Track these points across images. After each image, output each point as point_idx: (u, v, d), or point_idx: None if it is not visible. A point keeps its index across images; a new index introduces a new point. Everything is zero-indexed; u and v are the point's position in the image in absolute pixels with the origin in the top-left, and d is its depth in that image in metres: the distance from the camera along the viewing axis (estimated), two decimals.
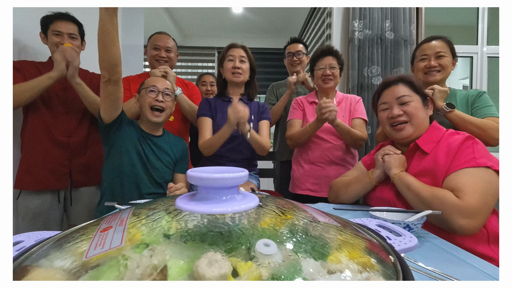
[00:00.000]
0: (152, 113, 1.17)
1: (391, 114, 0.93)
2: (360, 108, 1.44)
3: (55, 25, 1.25)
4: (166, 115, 1.21)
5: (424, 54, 1.27)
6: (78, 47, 1.31)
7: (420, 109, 0.91)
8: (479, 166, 0.75)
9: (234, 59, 1.33)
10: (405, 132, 0.91)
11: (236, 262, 0.23)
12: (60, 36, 1.25)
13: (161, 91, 1.18)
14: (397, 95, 0.93)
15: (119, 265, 0.23)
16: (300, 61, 1.81)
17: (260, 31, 4.26)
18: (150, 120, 1.17)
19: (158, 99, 1.17)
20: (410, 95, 0.92)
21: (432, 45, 1.27)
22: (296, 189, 1.46)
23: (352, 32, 2.09)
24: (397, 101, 0.93)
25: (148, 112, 1.17)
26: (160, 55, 1.52)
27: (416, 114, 0.90)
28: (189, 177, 0.32)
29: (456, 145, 0.81)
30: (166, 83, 1.23)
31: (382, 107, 0.98)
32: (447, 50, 1.25)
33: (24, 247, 0.33)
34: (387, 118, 0.95)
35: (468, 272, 0.50)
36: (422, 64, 1.28)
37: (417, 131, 0.91)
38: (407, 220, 0.66)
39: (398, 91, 0.93)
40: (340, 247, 0.29)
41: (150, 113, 1.17)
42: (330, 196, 1.09)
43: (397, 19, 2.12)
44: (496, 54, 2.47)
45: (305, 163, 1.43)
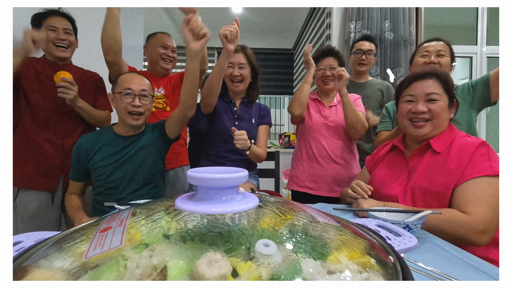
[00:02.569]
0: (131, 117, 1.09)
1: (415, 109, 0.89)
2: (360, 104, 1.44)
3: (50, 20, 1.24)
4: (146, 117, 1.14)
5: (426, 51, 1.28)
6: (73, 42, 1.31)
7: (445, 110, 0.88)
8: (496, 174, 0.75)
9: (234, 66, 1.31)
10: (423, 130, 0.89)
11: (236, 262, 0.23)
12: (55, 31, 1.24)
13: (137, 95, 1.08)
14: (427, 90, 0.88)
15: (118, 266, 0.23)
16: (368, 61, 1.69)
17: (260, 31, 4.26)
18: (130, 124, 1.11)
19: (135, 104, 1.07)
20: (440, 94, 0.88)
21: (434, 44, 1.28)
22: (294, 186, 1.47)
23: (348, 34, 2.09)
24: (426, 97, 0.89)
25: (126, 116, 1.09)
26: (168, 54, 1.52)
27: (440, 114, 0.87)
28: (189, 177, 0.32)
29: (470, 150, 0.80)
30: (142, 83, 1.10)
31: (407, 98, 0.93)
32: (447, 51, 1.26)
33: (24, 247, 0.33)
34: (409, 111, 0.91)
35: (468, 272, 0.50)
36: (422, 60, 1.28)
37: (435, 131, 0.89)
38: (407, 220, 0.66)
39: (429, 86, 0.89)
40: (340, 247, 0.29)
41: (129, 117, 1.09)
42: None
43: (396, 19, 2.12)
44: (495, 54, 2.47)
45: (304, 160, 1.44)
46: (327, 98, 1.48)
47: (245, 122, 1.37)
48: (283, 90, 4.77)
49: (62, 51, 1.27)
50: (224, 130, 1.33)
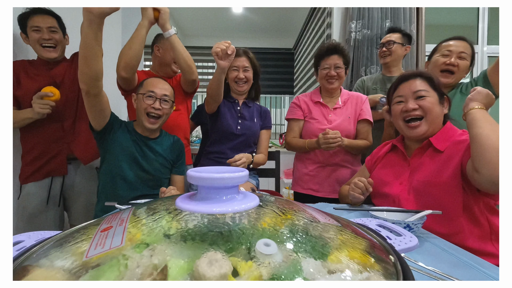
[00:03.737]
0: (148, 120, 1.14)
1: (406, 108, 0.91)
2: (367, 109, 1.41)
3: (33, 20, 1.19)
4: (162, 121, 1.18)
5: (448, 50, 1.22)
6: (61, 40, 1.26)
7: (436, 105, 0.89)
8: None
9: (238, 69, 1.36)
10: (419, 130, 0.90)
11: (236, 262, 0.23)
12: (39, 32, 1.20)
13: (158, 98, 1.13)
14: (414, 89, 0.91)
15: (119, 265, 0.23)
16: (390, 51, 1.60)
17: (260, 31, 4.26)
18: (145, 126, 1.15)
19: (155, 106, 1.13)
20: (427, 90, 0.90)
21: (457, 44, 1.22)
22: (299, 188, 1.45)
23: (349, 33, 2.09)
24: (414, 95, 0.91)
25: (144, 118, 1.14)
26: None
27: (432, 109, 0.89)
28: (189, 176, 0.32)
29: (468, 142, 0.80)
30: (165, 88, 1.17)
31: (397, 100, 0.95)
32: (469, 54, 1.21)
33: (25, 247, 0.33)
34: (401, 111, 0.93)
35: (468, 272, 0.50)
36: (442, 59, 1.23)
37: (431, 129, 0.90)
38: (407, 220, 0.66)
39: (416, 85, 0.91)
40: (340, 247, 0.29)
41: (146, 120, 1.14)
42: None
43: (397, 19, 2.12)
44: (496, 54, 2.47)
45: (309, 163, 1.42)
46: (330, 99, 1.44)
47: (248, 121, 1.41)
48: (283, 90, 4.77)
49: (49, 51, 1.23)
50: (227, 129, 1.36)
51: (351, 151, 1.37)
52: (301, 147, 1.38)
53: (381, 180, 0.98)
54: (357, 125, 1.40)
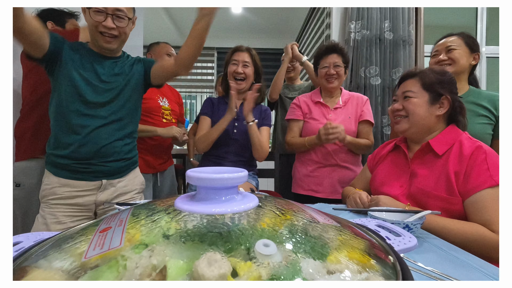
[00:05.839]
0: (103, 38, 0.96)
1: (392, 107, 0.97)
2: (368, 110, 1.41)
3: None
4: (121, 41, 1.01)
5: (436, 50, 1.30)
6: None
7: (421, 107, 0.90)
8: (497, 185, 0.74)
9: (238, 63, 1.35)
10: (399, 126, 0.94)
11: (236, 262, 0.23)
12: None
13: (110, 14, 0.93)
14: (403, 89, 0.94)
15: (118, 266, 0.23)
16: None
17: (259, 31, 4.26)
18: (101, 45, 0.98)
19: (106, 25, 0.94)
20: (416, 92, 0.91)
21: (442, 41, 1.29)
22: (300, 190, 1.44)
23: (348, 34, 2.09)
24: (402, 95, 0.94)
25: (96, 35, 0.96)
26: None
27: (414, 110, 0.90)
28: (188, 177, 0.32)
29: (467, 154, 0.80)
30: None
31: (393, 99, 1.00)
32: (459, 43, 1.25)
33: (23, 248, 0.33)
34: (390, 111, 0.98)
35: (468, 272, 0.50)
36: (433, 60, 1.30)
37: (414, 128, 0.91)
38: (407, 220, 0.66)
39: (406, 86, 0.94)
40: (340, 247, 0.29)
41: (100, 37, 0.96)
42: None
43: (396, 19, 2.12)
44: (495, 55, 2.47)
45: (309, 163, 1.41)
46: (330, 99, 1.44)
47: (245, 124, 1.37)
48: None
49: None
50: (224, 131, 1.33)
51: (352, 149, 1.37)
52: (301, 145, 1.38)
53: (381, 179, 0.98)
54: (358, 126, 1.40)
